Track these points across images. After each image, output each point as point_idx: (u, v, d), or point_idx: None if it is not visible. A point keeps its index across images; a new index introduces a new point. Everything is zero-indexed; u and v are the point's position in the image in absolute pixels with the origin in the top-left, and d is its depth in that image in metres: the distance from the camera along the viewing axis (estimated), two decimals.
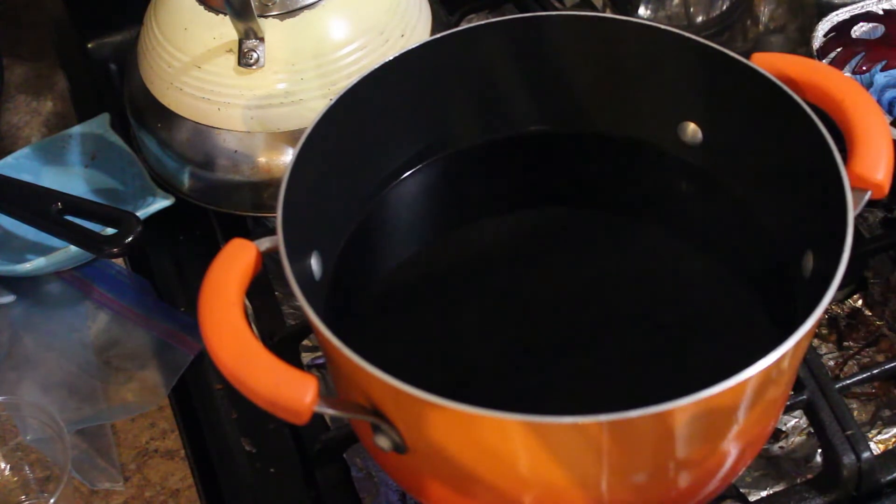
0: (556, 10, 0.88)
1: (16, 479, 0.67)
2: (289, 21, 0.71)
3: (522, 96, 0.67)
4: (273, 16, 0.71)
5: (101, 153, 0.80)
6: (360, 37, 0.71)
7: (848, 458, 0.61)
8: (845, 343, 0.72)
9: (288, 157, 0.72)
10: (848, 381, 0.65)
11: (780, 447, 0.67)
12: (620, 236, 0.66)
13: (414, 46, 0.62)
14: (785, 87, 0.57)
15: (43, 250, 0.74)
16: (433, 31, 0.76)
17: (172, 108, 0.73)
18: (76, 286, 0.75)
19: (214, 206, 0.75)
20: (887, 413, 0.68)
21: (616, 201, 0.68)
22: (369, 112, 0.62)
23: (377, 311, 0.63)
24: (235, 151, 0.72)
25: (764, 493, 0.64)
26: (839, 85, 0.56)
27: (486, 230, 0.68)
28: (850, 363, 0.71)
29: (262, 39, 0.70)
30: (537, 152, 0.69)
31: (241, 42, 0.70)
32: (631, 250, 0.65)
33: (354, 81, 0.60)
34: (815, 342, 0.72)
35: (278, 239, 0.53)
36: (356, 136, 0.62)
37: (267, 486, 0.65)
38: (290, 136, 0.71)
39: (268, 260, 0.54)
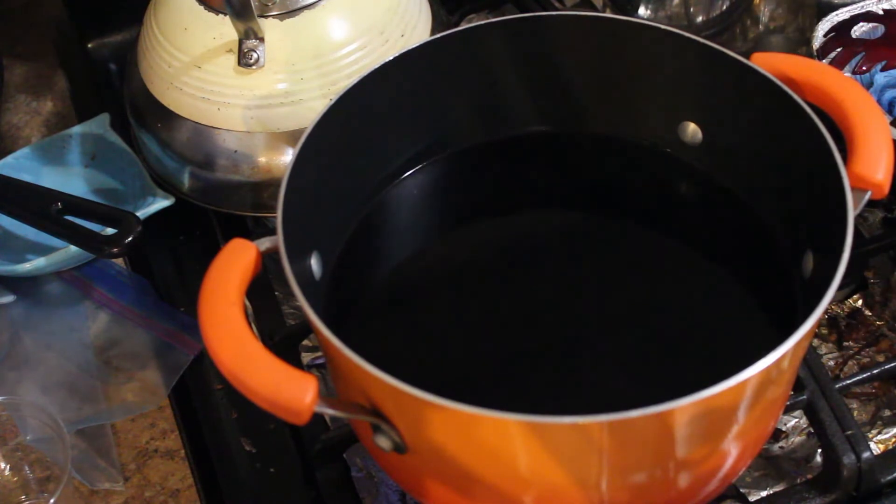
0: (556, 10, 0.87)
1: (16, 479, 0.66)
2: (289, 21, 0.71)
3: (522, 96, 0.67)
4: (273, 16, 0.71)
5: (101, 153, 0.80)
6: (360, 37, 0.71)
7: (848, 458, 0.61)
8: (845, 343, 0.72)
9: (288, 157, 0.72)
10: (848, 381, 0.65)
11: (780, 447, 0.67)
12: (620, 236, 0.66)
13: (414, 46, 0.62)
14: (785, 87, 0.57)
15: (43, 250, 0.74)
16: (433, 31, 0.76)
17: (172, 108, 0.73)
18: (76, 286, 0.75)
19: (214, 206, 0.75)
20: (887, 413, 0.68)
21: (616, 201, 0.68)
22: (369, 112, 0.62)
23: (377, 311, 0.63)
24: (235, 151, 0.72)
25: (764, 493, 0.64)
26: (839, 85, 0.56)
27: (485, 231, 0.68)
28: (850, 363, 0.71)
29: (262, 39, 0.70)
30: (537, 153, 0.69)
31: (241, 42, 0.70)
32: (631, 250, 0.65)
33: (354, 81, 0.60)
34: (815, 342, 0.72)
35: (278, 239, 0.53)
36: (356, 136, 0.62)
37: (267, 486, 0.65)
38: (290, 136, 0.71)
39: (268, 260, 0.54)
